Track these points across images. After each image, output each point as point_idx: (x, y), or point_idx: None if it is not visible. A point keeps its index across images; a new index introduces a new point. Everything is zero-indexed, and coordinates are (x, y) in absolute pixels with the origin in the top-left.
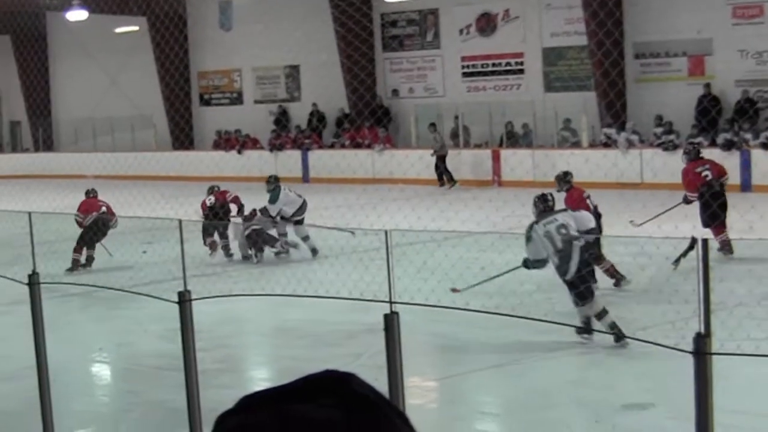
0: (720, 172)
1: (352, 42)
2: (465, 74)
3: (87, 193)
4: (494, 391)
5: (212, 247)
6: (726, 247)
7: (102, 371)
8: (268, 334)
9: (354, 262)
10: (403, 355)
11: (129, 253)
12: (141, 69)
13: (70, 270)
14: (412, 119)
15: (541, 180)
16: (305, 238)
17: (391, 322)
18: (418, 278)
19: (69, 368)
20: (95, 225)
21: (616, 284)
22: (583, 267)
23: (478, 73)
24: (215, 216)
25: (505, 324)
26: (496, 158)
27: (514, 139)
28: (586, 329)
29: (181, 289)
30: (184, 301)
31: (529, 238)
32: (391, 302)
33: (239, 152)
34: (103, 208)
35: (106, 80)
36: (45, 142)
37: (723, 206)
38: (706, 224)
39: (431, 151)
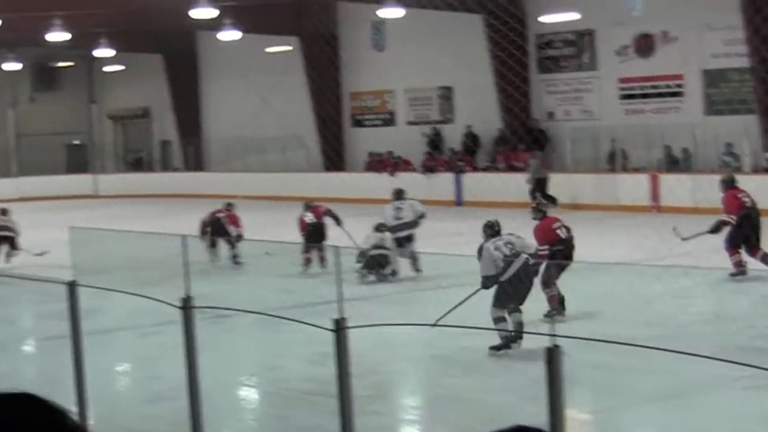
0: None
1: (507, 63)
2: (622, 96)
3: (228, 205)
4: (655, 425)
5: (306, 263)
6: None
7: (251, 395)
8: (421, 360)
9: None
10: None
11: (281, 275)
12: (292, 89)
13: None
14: (569, 142)
15: (703, 206)
16: (412, 256)
17: (552, 356)
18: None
19: (218, 391)
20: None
21: (548, 315)
22: (523, 275)
23: (636, 96)
24: (317, 232)
25: (663, 353)
26: (654, 183)
27: (673, 163)
28: (502, 346)
29: (336, 315)
30: (340, 328)
31: (479, 257)
32: (551, 335)
33: (392, 174)
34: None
35: (256, 100)
36: (195, 161)
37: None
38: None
39: (528, 177)
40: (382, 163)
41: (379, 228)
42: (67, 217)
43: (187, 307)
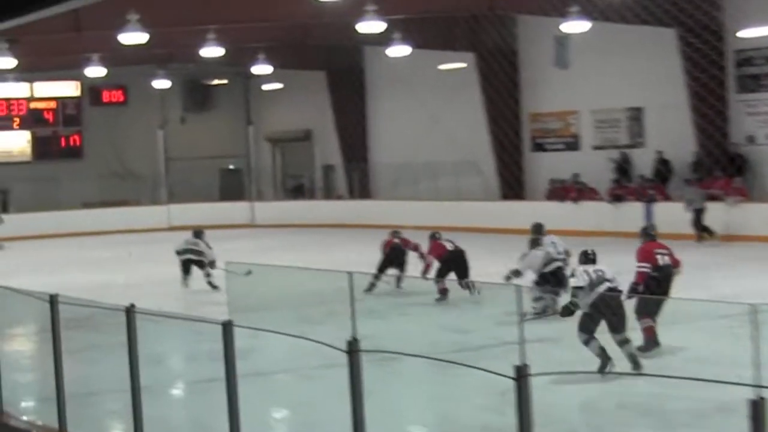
0: None
1: (703, 81)
2: None
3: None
4: None
5: (443, 293)
6: None
7: None
8: (607, 409)
9: (715, 329)
10: None
11: (453, 313)
12: (466, 109)
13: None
14: None
15: None
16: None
17: (757, 410)
18: None
19: None
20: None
21: (644, 349)
22: (601, 301)
23: None
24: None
25: None
26: None
27: None
28: (603, 364)
29: (517, 361)
30: (522, 376)
31: (572, 276)
32: (757, 386)
33: (575, 202)
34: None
35: (427, 121)
36: (360, 188)
37: None
38: None
39: (687, 205)
40: (565, 190)
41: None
42: (221, 249)
43: (353, 350)
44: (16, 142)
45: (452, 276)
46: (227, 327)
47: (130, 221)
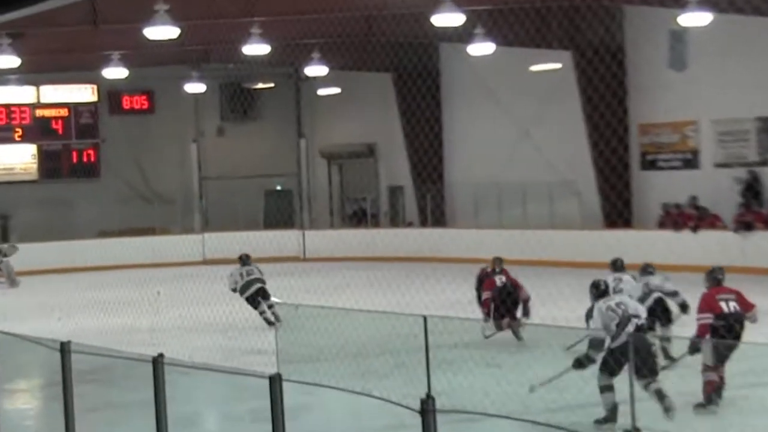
0: None
1: None
2: None
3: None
4: None
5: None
6: None
7: None
8: None
9: None
10: None
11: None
12: (563, 119)
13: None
14: None
15: None
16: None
17: None
18: None
19: None
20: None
21: (702, 405)
22: (637, 341)
23: None
24: (505, 299)
25: None
26: None
27: None
28: (608, 418)
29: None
30: None
31: (589, 317)
32: None
33: (694, 231)
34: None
35: (516, 134)
36: (435, 213)
37: None
38: None
39: None
40: (682, 216)
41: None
42: (269, 286)
43: (428, 410)
44: (19, 158)
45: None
46: (275, 381)
47: (158, 253)
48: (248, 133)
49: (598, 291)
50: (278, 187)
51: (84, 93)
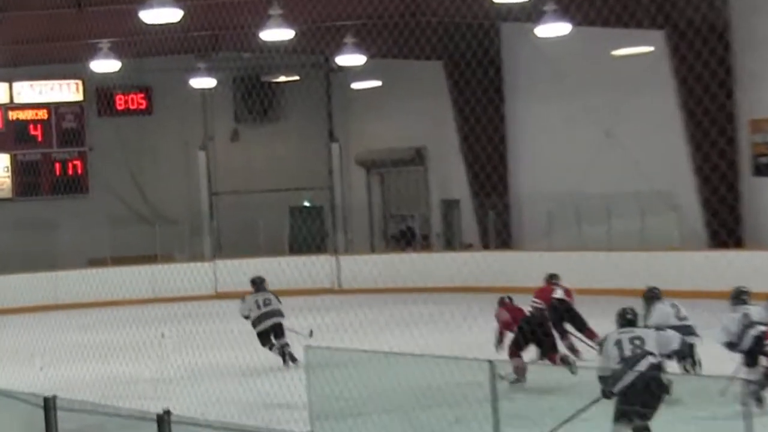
0: None
1: None
2: None
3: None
4: None
5: (518, 371)
6: None
7: None
8: None
9: None
10: None
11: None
12: (655, 115)
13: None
14: None
15: None
16: None
17: None
18: None
19: None
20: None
21: None
22: (639, 383)
23: None
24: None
25: None
26: None
27: None
28: None
29: None
30: None
31: (600, 350)
32: None
33: None
34: (559, 291)
35: (596, 133)
36: (498, 233)
37: None
38: None
39: None
40: None
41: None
42: (295, 326)
43: None
44: None
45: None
46: None
47: (160, 286)
48: (268, 136)
49: (623, 320)
50: (306, 203)
51: (67, 91)
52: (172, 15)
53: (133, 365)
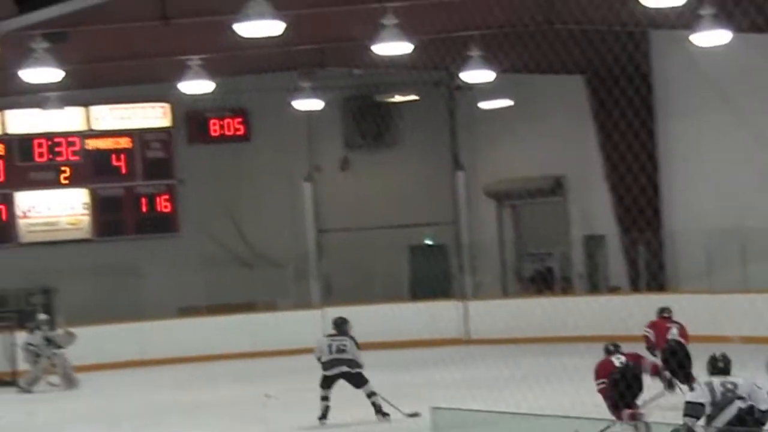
0: None
1: None
2: None
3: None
4: None
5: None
6: None
7: None
8: None
9: None
10: None
11: None
12: None
13: None
14: None
15: None
16: None
17: None
18: None
19: None
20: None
21: None
22: (735, 422)
23: None
24: (628, 385)
25: None
26: None
27: None
28: None
29: None
30: None
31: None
32: None
33: None
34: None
35: (764, 157)
36: (651, 274)
37: None
38: None
39: None
40: None
41: None
42: (419, 382)
43: None
44: (66, 208)
45: None
46: None
47: (262, 338)
48: (383, 165)
49: (714, 368)
50: (428, 242)
51: (153, 115)
52: (272, 27)
53: (232, 429)
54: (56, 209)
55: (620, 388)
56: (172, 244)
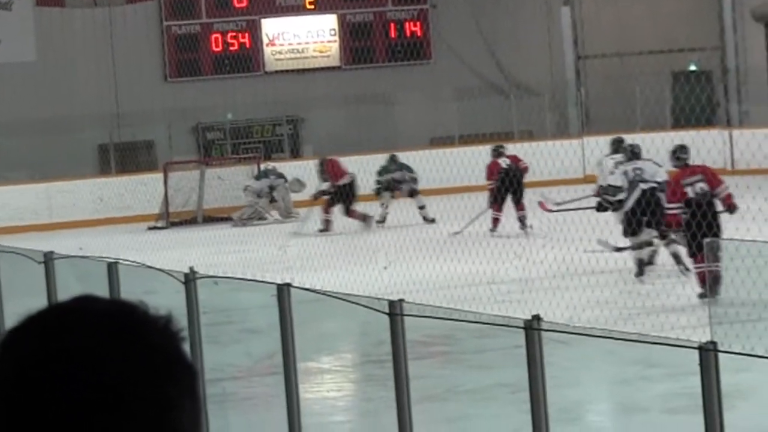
0: None
1: None
2: None
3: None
4: None
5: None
6: None
7: None
8: None
9: None
10: None
11: None
12: None
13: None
14: None
15: None
16: None
17: None
18: None
19: None
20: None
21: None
22: (638, 205)
23: None
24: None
25: None
26: None
27: None
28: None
29: None
30: None
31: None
32: None
33: None
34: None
35: None
36: None
37: None
38: None
39: None
40: None
41: None
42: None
43: None
44: (313, 35)
45: None
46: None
47: None
48: None
49: (632, 153)
50: (692, 67)
51: None
52: None
53: (492, 263)
54: (303, 36)
55: None
56: (423, 72)
